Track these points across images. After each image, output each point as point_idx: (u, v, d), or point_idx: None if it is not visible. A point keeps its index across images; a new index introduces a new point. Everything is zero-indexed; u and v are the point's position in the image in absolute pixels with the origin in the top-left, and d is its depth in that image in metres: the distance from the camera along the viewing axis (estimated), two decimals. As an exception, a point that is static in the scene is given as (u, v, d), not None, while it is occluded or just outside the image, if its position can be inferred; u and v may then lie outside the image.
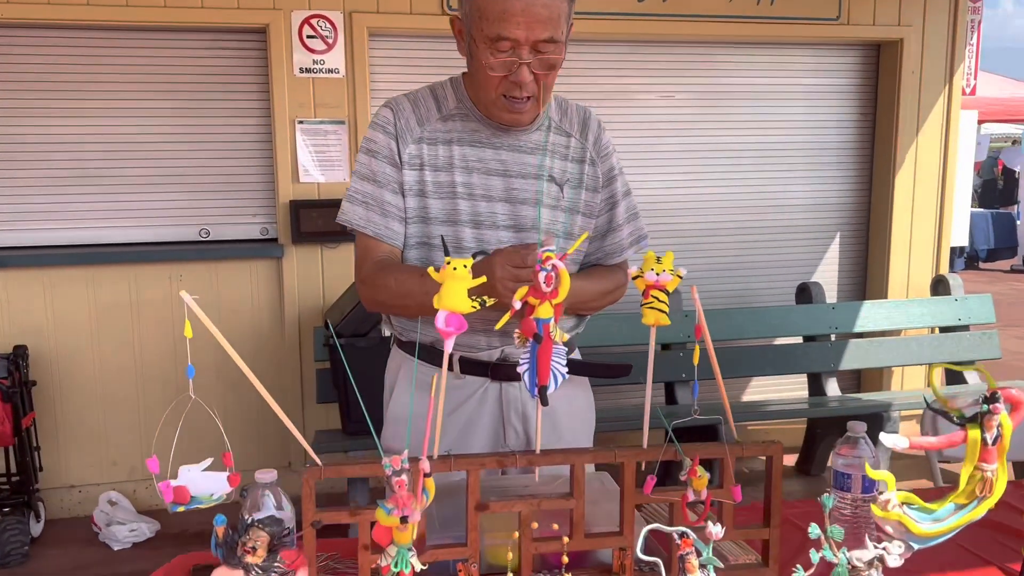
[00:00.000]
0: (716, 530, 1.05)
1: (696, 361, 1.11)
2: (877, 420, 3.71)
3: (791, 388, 4.44)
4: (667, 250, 1.18)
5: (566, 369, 1.16)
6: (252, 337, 3.79)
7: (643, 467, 1.22)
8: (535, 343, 1.13)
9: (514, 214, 1.58)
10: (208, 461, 1.11)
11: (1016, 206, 13.90)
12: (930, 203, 4.46)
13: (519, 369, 1.15)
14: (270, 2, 3.55)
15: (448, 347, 1.12)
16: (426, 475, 1.03)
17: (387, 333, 1.72)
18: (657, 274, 1.14)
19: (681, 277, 1.15)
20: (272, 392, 4.01)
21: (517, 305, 1.13)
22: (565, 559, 1.15)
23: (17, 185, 3.55)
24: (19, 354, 3.34)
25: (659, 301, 1.15)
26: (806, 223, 4.49)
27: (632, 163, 4.12)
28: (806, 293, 4.15)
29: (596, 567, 1.26)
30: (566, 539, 1.15)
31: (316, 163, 3.68)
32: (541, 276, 1.13)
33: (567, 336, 1.16)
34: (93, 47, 3.55)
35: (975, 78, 4.96)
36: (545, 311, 1.14)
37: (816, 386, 4.13)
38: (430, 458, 1.14)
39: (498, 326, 1.15)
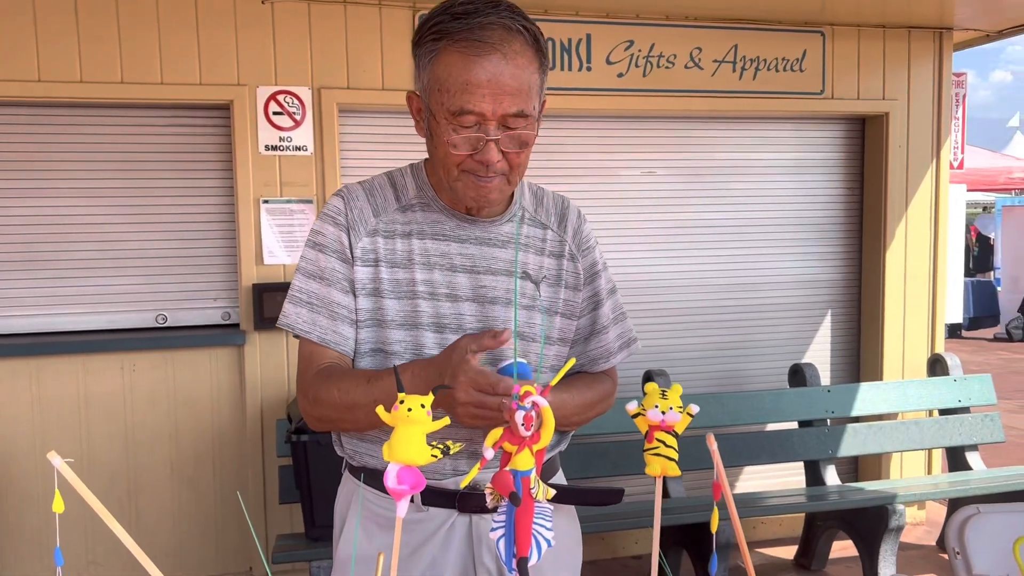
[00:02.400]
0: None
1: (715, 528, 0.88)
2: (881, 513, 3.47)
3: (787, 474, 4.21)
4: (674, 383, 0.97)
5: (552, 534, 0.93)
6: (211, 429, 3.53)
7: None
8: (512, 504, 0.90)
9: (483, 315, 1.37)
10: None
11: (993, 272, 13.93)
12: (922, 279, 4.32)
13: (491, 534, 0.92)
14: (234, 77, 3.39)
15: (401, 510, 0.89)
16: None
17: (339, 454, 1.48)
18: (663, 412, 0.92)
19: (692, 415, 0.93)
20: (232, 491, 3.71)
21: (489, 455, 0.91)
22: None
23: (-43, 270, 3.32)
24: (-49, 455, 3.06)
25: (666, 446, 0.93)
26: (796, 301, 4.32)
27: (614, 241, 3.96)
28: (799, 375, 3.95)
29: None
30: None
31: (282, 244, 3.47)
32: (519, 417, 0.91)
33: (552, 492, 0.93)
34: (45, 124, 3.36)
35: (962, 152, 4.88)
36: (524, 462, 0.91)
37: (814, 474, 3.90)
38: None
39: (463, 484, 0.93)
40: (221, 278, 3.56)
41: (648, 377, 3.76)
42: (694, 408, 0.93)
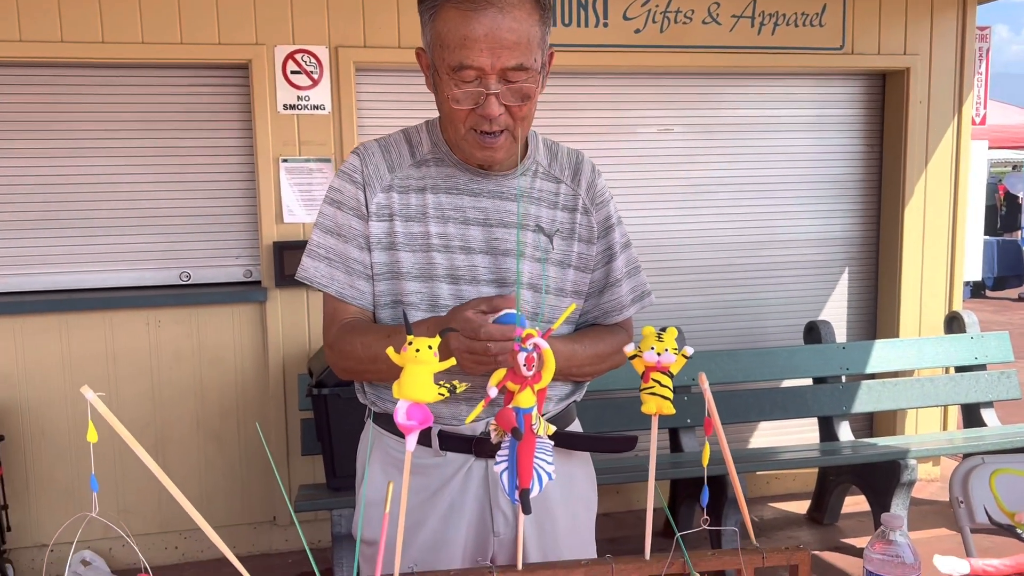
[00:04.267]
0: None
1: (706, 462, 0.93)
2: (894, 468, 3.51)
3: (801, 431, 4.25)
4: (669, 327, 1.00)
5: (553, 467, 0.98)
6: (235, 384, 3.61)
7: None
8: (514, 438, 0.95)
9: (496, 267, 1.41)
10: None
11: (1020, 232, 13.73)
12: (941, 237, 4.30)
13: (495, 468, 0.97)
14: (252, 37, 3.42)
15: (411, 444, 0.94)
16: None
17: (362, 401, 1.54)
18: (658, 354, 0.96)
19: (687, 357, 0.97)
20: (256, 443, 3.82)
21: (492, 393, 0.95)
22: None
23: (-14, 229, 3.40)
24: (-15, 407, 3.16)
25: (661, 386, 0.97)
26: (813, 259, 4.32)
27: (630, 199, 3.97)
28: (815, 332, 3.97)
29: None
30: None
31: (301, 203, 3.52)
32: (521, 357, 0.95)
33: (553, 428, 0.97)
34: (67, 85, 3.41)
35: (984, 107, 4.81)
36: (526, 399, 0.96)
37: (827, 430, 3.94)
38: (391, 577, 0.96)
39: (468, 420, 0.97)
40: (242, 236, 3.62)
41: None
42: (689, 350, 0.97)
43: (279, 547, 3.71)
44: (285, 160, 3.49)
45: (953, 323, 4.18)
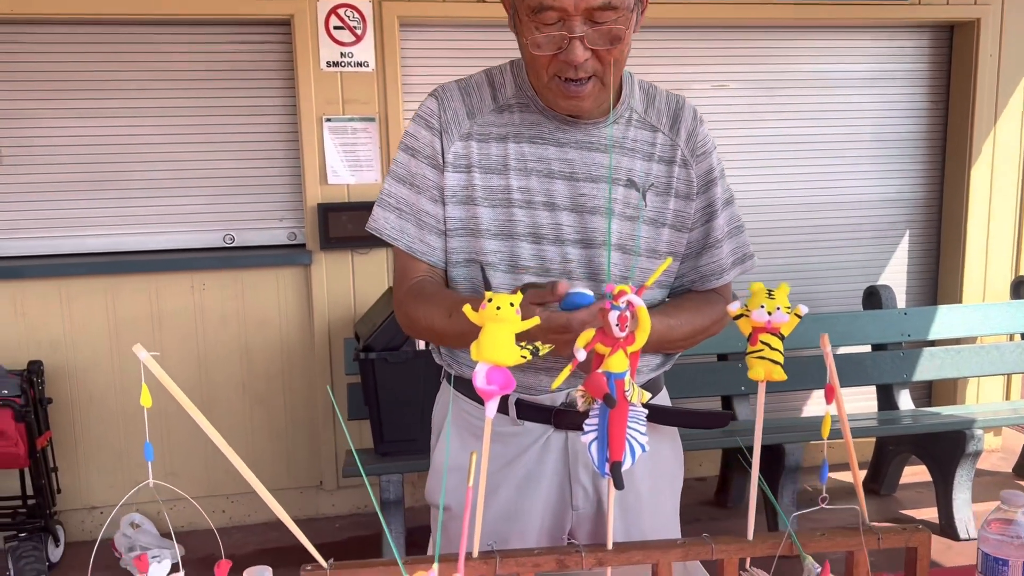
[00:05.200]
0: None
1: (826, 434, 0.83)
2: (958, 439, 3.37)
3: (858, 399, 4.11)
4: (781, 282, 0.89)
5: (646, 439, 0.88)
6: (280, 349, 3.57)
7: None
8: (605, 406, 0.86)
9: (582, 226, 1.29)
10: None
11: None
12: (1009, 198, 4.10)
13: (583, 438, 0.88)
14: (295, -9, 3.32)
15: (491, 410, 0.85)
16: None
17: (437, 362, 1.45)
18: (769, 313, 0.86)
19: (800, 317, 0.87)
20: (302, 407, 3.77)
21: (581, 356, 0.86)
22: None
23: (30, 190, 3.36)
24: (33, 370, 3.15)
25: (771, 349, 0.87)
26: (873, 221, 4.14)
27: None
28: (874, 297, 3.81)
29: None
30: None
31: (345, 163, 3.44)
32: (613, 317, 0.85)
33: (648, 396, 0.88)
34: (108, 43, 3.34)
35: (1059, 61, 4.55)
36: (618, 363, 0.86)
37: (886, 398, 3.80)
38: (469, 556, 0.87)
39: (554, 386, 0.88)
40: (286, 198, 3.55)
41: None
42: (803, 308, 0.87)
43: (326, 511, 3.69)
44: (328, 119, 3.40)
45: (1020, 288, 4.00)
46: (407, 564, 0.82)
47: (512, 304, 0.86)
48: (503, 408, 1.34)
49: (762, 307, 0.86)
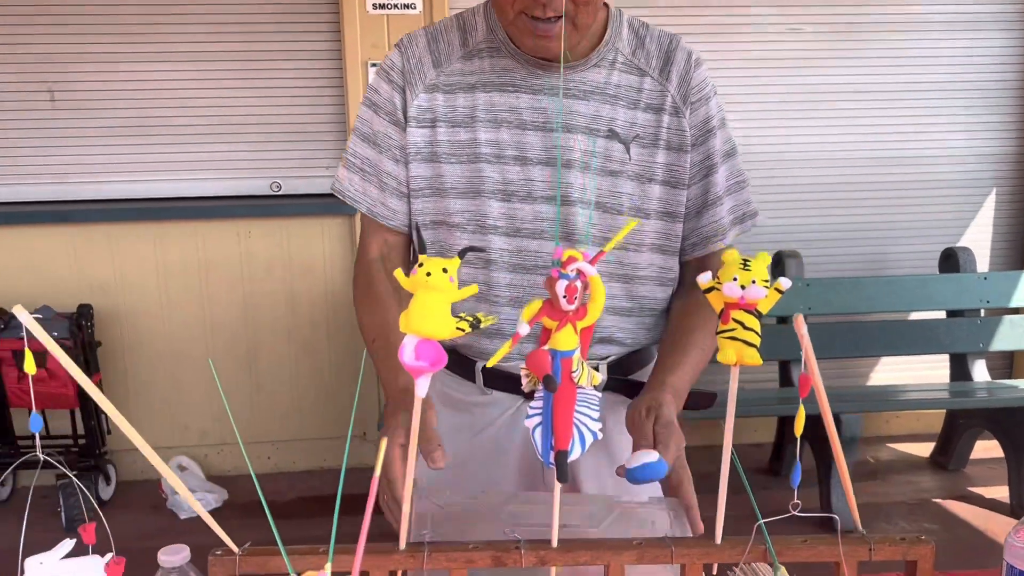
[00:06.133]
0: None
1: (799, 431, 0.70)
2: (1036, 415, 3.13)
3: (929, 368, 3.86)
4: (760, 252, 0.76)
5: (599, 425, 0.77)
6: (325, 298, 3.55)
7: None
8: (548, 390, 0.75)
9: (557, 181, 1.18)
10: (67, 545, 0.76)
11: None
12: (1111, 154, 3.75)
13: (526, 422, 0.78)
14: (340, -70, 3.21)
15: (421, 389, 0.76)
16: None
17: None
18: (742, 287, 0.73)
19: (781, 292, 0.74)
20: (346, 356, 3.75)
21: (524, 330, 0.75)
22: None
23: (81, 135, 3.38)
24: (83, 313, 3.20)
25: (744, 328, 0.74)
26: (955, 177, 3.84)
27: (749, 107, 3.61)
28: (952, 260, 3.54)
29: None
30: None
31: (391, 110, 3.34)
32: (560, 287, 0.74)
33: (599, 378, 0.76)
34: (156, -13, 3.32)
35: None
36: (566, 340, 0.75)
37: (960, 369, 3.56)
38: (392, 548, 0.79)
39: (490, 363, 0.78)
40: (332, 146, 3.49)
41: (778, 259, 3.48)
42: (784, 283, 0.73)
43: (369, 462, 3.68)
44: (374, 64, 3.30)
45: (1119, 254, 3.67)
46: (317, 555, 0.74)
47: (446, 270, 0.75)
48: (470, 376, 1.25)
49: (735, 279, 0.73)
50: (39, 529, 3.21)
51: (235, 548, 0.78)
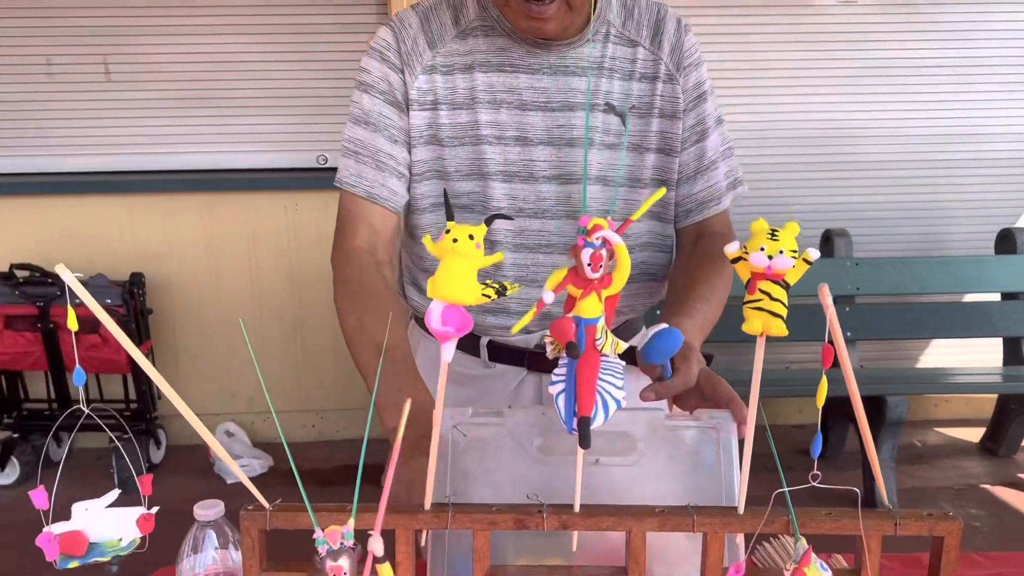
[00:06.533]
0: None
1: (820, 403, 0.70)
2: (1092, 401, 3.04)
3: (982, 352, 3.76)
4: (791, 220, 0.75)
5: (623, 394, 0.78)
6: (370, 271, 3.58)
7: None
8: (569, 356, 0.75)
9: (559, 159, 1.19)
10: (113, 494, 0.81)
11: None
12: None
13: (550, 389, 0.78)
14: (388, -98, 3.21)
15: (447, 354, 0.77)
16: (377, 560, 0.69)
17: (405, 304, 1.40)
18: (770, 257, 0.72)
19: (809, 262, 0.73)
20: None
21: (548, 298, 0.75)
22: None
23: (135, 107, 3.45)
24: (135, 282, 3.28)
25: (771, 299, 0.73)
26: (1012, 156, 3.72)
27: (800, 84, 3.54)
28: (1008, 241, 3.44)
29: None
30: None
31: (436, 84, 3.35)
32: (586, 255, 0.74)
33: (624, 346, 0.77)
34: (207, -41, 3.36)
35: None
36: (590, 308, 0.75)
37: (1013, 353, 3.47)
38: (417, 508, 0.80)
39: (514, 330, 0.79)
40: (378, 119, 3.51)
41: (827, 237, 3.42)
42: (812, 253, 0.72)
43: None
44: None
45: None
46: (344, 512, 0.76)
47: (472, 237, 0.76)
48: (474, 351, 1.27)
49: (762, 249, 0.72)
50: (92, 489, 3.35)
51: (266, 504, 0.80)
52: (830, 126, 3.63)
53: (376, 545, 0.67)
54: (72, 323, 0.77)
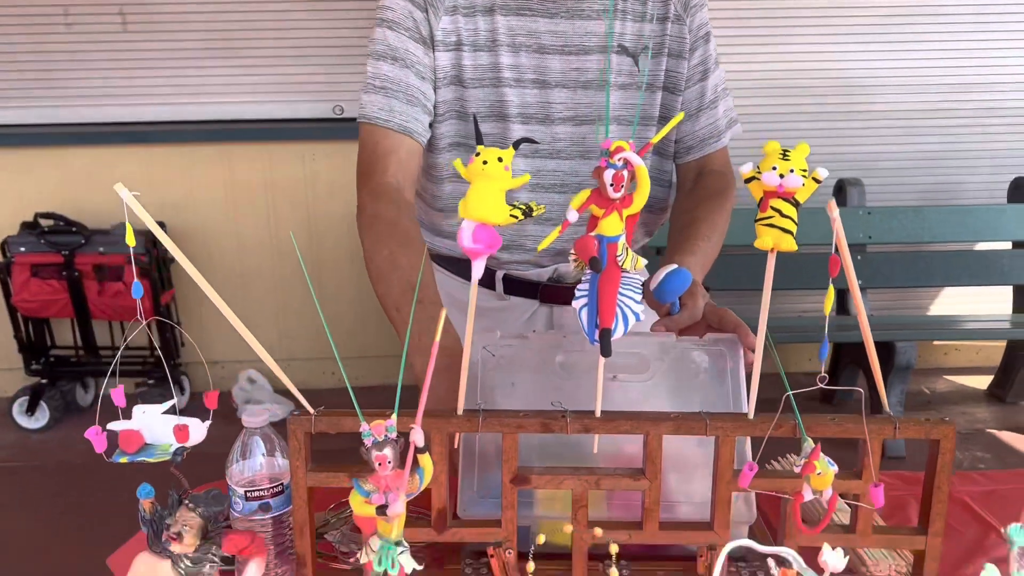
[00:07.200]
0: (834, 561, 0.72)
1: (828, 309, 0.75)
2: (1100, 347, 3.09)
3: (992, 301, 3.80)
4: (801, 141, 0.80)
5: (642, 308, 0.83)
6: (386, 220, 3.64)
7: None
8: (592, 270, 0.81)
9: (575, 102, 1.24)
10: (170, 403, 0.88)
11: None
12: None
13: (574, 303, 0.84)
14: None
15: (477, 271, 0.82)
16: (419, 450, 0.75)
17: None
18: (781, 176, 0.77)
19: (819, 181, 0.77)
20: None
21: (572, 216, 0.80)
22: (614, 548, 0.86)
23: (154, 56, 3.48)
24: (157, 231, 3.34)
25: (782, 216, 0.78)
26: (1027, 105, 3.72)
27: (815, 32, 3.54)
28: (1022, 190, 3.46)
29: (677, 558, 0.96)
30: (614, 548, 0.84)
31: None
32: (608, 176, 0.79)
33: (643, 262, 0.82)
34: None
35: None
36: (611, 226, 0.80)
37: (1023, 300, 3.51)
38: (451, 413, 0.86)
39: (540, 246, 0.84)
40: (393, 69, 3.53)
41: (840, 187, 3.44)
42: (822, 172, 0.77)
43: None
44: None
45: None
46: (385, 416, 0.82)
47: (501, 159, 0.81)
48: (490, 284, 1.33)
49: (774, 169, 0.77)
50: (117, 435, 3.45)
51: (311, 409, 0.87)
52: (844, 75, 3.62)
53: (418, 435, 0.73)
54: (131, 239, 0.82)
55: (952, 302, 3.88)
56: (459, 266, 1.37)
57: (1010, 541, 0.74)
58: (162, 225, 3.32)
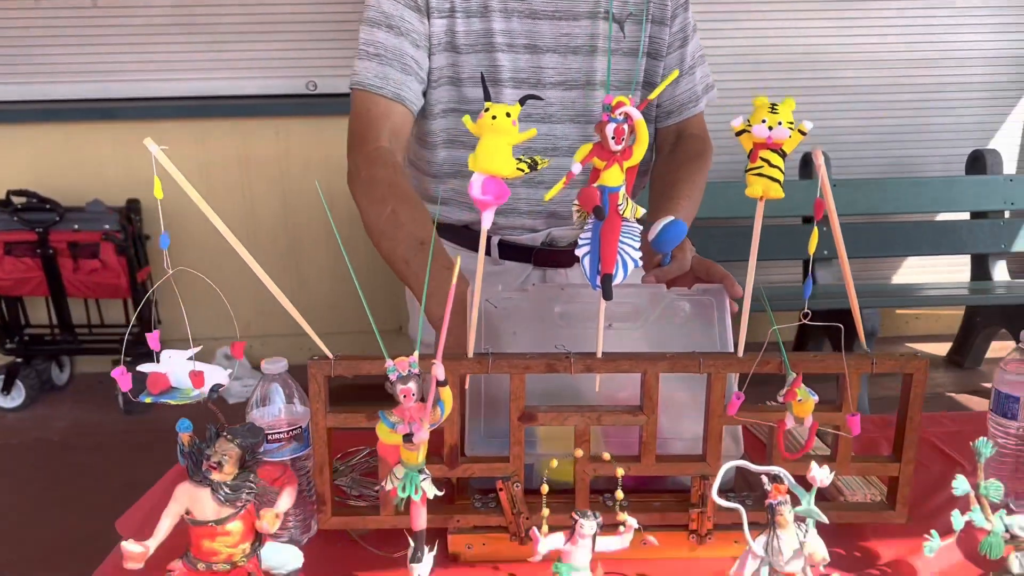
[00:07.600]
0: (821, 475, 0.79)
1: (812, 249, 0.81)
2: (1052, 312, 3.22)
3: (951, 270, 3.94)
4: (787, 98, 0.86)
5: (639, 254, 0.89)
6: (362, 196, 3.66)
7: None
8: (596, 218, 0.86)
9: (565, 67, 1.29)
10: (195, 350, 0.92)
11: None
12: None
13: (577, 251, 0.89)
14: None
15: (487, 221, 0.87)
16: (440, 383, 0.81)
17: None
18: (770, 128, 0.83)
19: (804, 133, 0.84)
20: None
21: (576, 169, 0.86)
22: (620, 471, 0.92)
23: (124, 32, 3.46)
24: (132, 208, 3.34)
25: (770, 166, 0.84)
26: (986, 80, 3.84)
27: (777, 8, 3.61)
28: (979, 162, 3.58)
29: (672, 491, 1.02)
30: (620, 472, 0.91)
31: (425, 9, 3.38)
32: (610, 129, 0.85)
33: (642, 211, 0.88)
34: None
35: None
36: (613, 177, 0.86)
37: (980, 269, 3.63)
38: (462, 356, 0.92)
39: (547, 196, 0.89)
40: (367, 45, 3.55)
41: (805, 161, 3.54)
42: (807, 124, 0.83)
43: (406, 354, 3.86)
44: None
45: None
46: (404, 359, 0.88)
47: (509, 115, 0.86)
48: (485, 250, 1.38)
49: (763, 121, 0.83)
50: (96, 412, 3.45)
51: (329, 354, 0.92)
52: (810, 50, 3.71)
53: (439, 370, 0.79)
54: (158, 191, 0.86)
55: (913, 271, 4.01)
56: (452, 232, 1.42)
57: (978, 453, 0.82)
58: (137, 202, 3.33)
